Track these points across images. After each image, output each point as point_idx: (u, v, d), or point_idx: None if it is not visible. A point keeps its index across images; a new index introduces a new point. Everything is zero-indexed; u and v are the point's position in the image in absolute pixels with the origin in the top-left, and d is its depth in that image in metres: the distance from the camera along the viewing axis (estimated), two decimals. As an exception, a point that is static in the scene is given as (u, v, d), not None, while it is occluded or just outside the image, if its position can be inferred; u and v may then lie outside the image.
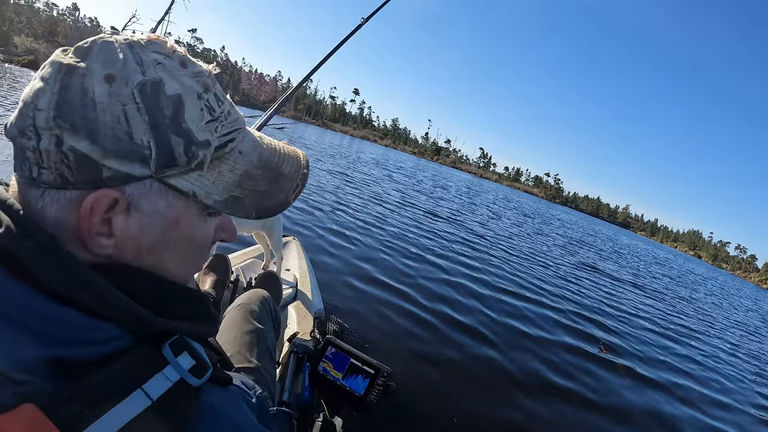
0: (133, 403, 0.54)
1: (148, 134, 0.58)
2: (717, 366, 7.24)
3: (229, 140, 0.69)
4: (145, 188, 0.61)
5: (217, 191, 0.67)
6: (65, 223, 0.58)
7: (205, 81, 0.66)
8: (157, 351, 0.61)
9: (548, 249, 14.79)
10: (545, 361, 4.75)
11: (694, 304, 14.87)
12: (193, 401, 0.62)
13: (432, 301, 5.41)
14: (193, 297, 0.73)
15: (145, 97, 0.57)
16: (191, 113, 0.62)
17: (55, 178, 0.56)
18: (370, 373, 1.64)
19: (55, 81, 0.56)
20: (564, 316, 6.71)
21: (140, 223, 0.62)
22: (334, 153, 29.76)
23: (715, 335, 10.16)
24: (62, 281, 0.54)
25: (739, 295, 32.12)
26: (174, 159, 0.61)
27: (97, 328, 0.56)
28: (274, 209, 0.75)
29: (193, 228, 0.69)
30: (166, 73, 0.61)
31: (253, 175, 0.72)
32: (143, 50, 0.60)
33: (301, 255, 3.71)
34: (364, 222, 8.91)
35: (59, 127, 0.54)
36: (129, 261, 0.64)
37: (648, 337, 7.39)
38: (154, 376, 0.58)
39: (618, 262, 20.08)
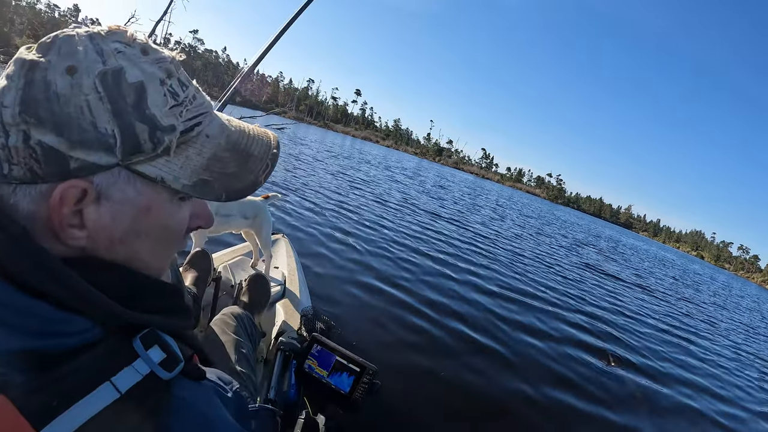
0: (102, 396, 0.53)
1: (112, 122, 0.58)
2: (723, 368, 7.22)
3: (195, 124, 0.68)
4: (113, 177, 0.61)
5: (185, 175, 0.66)
6: (37, 216, 0.58)
7: (167, 67, 0.65)
8: (128, 344, 0.61)
9: (551, 249, 14.80)
10: (542, 362, 4.76)
11: (700, 306, 14.81)
12: (164, 395, 0.61)
13: (422, 301, 5.43)
14: (166, 290, 0.73)
15: (106, 86, 0.58)
16: (154, 99, 0.62)
17: (25, 173, 0.56)
18: (355, 370, 1.65)
19: (19, 77, 0.56)
20: (565, 316, 6.73)
21: (111, 212, 0.62)
22: (337, 154, 29.85)
23: (720, 336, 10.13)
24: (33, 274, 0.54)
25: (741, 296, 31.92)
26: (139, 145, 0.61)
27: (68, 320, 0.56)
28: (244, 191, 0.74)
29: (165, 214, 0.69)
30: (127, 61, 0.60)
31: (221, 158, 0.72)
32: (103, 40, 0.60)
33: (290, 253, 3.74)
34: (362, 222, 8.95)
35: (25, 123, 0.55)
36: (102, 253, 0.64)
37: (656, 340, 7.35)
38: (123, 369, 0.57)
39: (621, 262, 20.05)
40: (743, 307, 21.73)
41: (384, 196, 14.52)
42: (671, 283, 19.61)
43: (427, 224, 11.27)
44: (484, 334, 4.97)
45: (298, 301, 2.96)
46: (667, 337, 7.82)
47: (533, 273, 9.30)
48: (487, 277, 7.63)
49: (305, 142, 32.29)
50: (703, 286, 25.65)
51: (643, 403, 4.65)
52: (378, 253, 6.91)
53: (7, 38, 45.15)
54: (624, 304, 9.61)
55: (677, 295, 15.26)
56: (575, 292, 8.72)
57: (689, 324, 10.03)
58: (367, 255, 6.62)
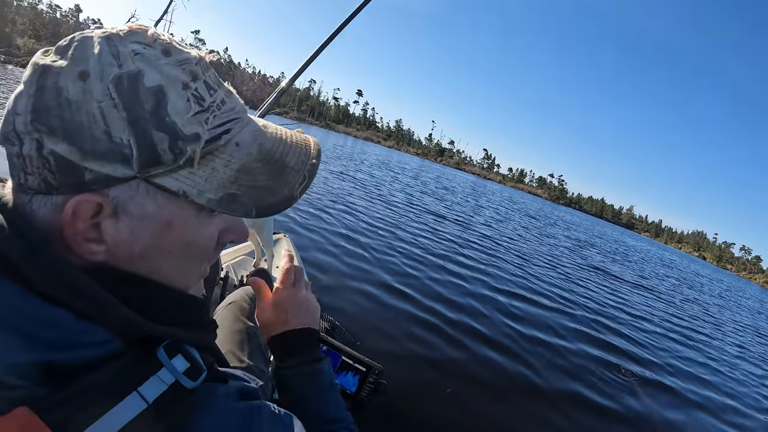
0: (130, 406, 0.53)
1: (127, 131, 0.54)
2: (732, 372, 7.13)
3: (223, 132, 0.63)
4: (131, 190, 0.57)
5: (210, 189, 0.62)
6: (53, 228, 0.56)
7: (192, 69, 0.61)
8: (151, 354, 0.59)
9: (555, 251, 14.67)
10: (544, 364, 4.65)
11: (707, 309, 14.69)
12: (189, 403, 0.60)
13: (428, 299, 5.37)
14: (188, 304, 0.70)
15: (121, 92, 0.54)
16: (175, 105, 0.57)
17: (39, 184, 0.55)
18: (361, 370, 1.62)
19: (32, 83, 0.54)
20: (571, 319, 6.62)
21: (130, 227, 0.59)
22: (339, 155, 29.77)
23: (725, 338, 9.99)
24: (53, 283, 0.53)
25: (745, 297, 31.79)
26: (158, 156, 0.57)
27: (88, 331, 0.55)
28: (277, 206, 0.68)
29: (190, 231, 0.65)
30: (146, 64, 0.56)
31: (251, 169, 0.66)
32: (121, 42, 0.56)
33: (292, 251, 3.58)
34: (365, 223, 8.88)
35: (37, 131, 0.53)
36: (122, 266, 0.61)
37: (666, 345, 7.24)
38: (149, 379, 0.56)
39: (625, 264, 19.93)
40: (753, 309, 21.61)
41: (387, 196, 14.44)
42: (674, 284, 19.47)
43: (432, 225, 11.20)
44: (492, 334, 4.90)
45: None
46: (680, 343, 7.70)
47: (539, 274, 9.22)
48: (493, 277, 7.54)
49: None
50: (707, 288, 25.51)
51: (654, 409, 4.54)
52: (382, 253, 6.84)
53: (9, 38, 45.07)
54: (628, 303, 9.54)
55: (681, 296, 15.16)
56: (580, 295, 8.62)
57: (697, 326, 9.92)
58: (371, 255, 6.54)
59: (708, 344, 8.62)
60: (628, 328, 7.36)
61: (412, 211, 12.94)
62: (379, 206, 11.69)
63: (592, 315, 7.39)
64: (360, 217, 9.28)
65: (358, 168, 22.98)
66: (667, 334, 8.09)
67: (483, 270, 7.85)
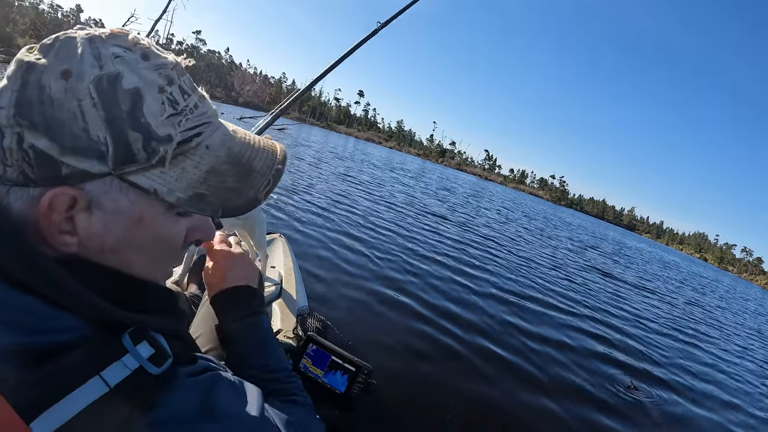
0: (91, 390, 0.54)
1: (105, 130, 0.57)
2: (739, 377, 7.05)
3: (194, 134, 0.66)
4: (105, 186, 0.60)
5: (180, 188, 0.65)
6: (28, 219, 0.58)
7: (168, 73, 0.63)
8: (116, 340, 0.61)
9: (560, 253, 14.63)
10: (542, 364, 4.63)
11: (708, 311, 14.60)
12: (153, 387, 0.61)
13: (422, 302, 5.34)
14: (158, 292, 0.73)
15: (101, 92, 0.56)
16: (151, 107, 0.60)
17: (17, 176, 0.57)
18: (350, 370, 1.65)
19: (16, 79, 0.56)
20: (575, 322, 6.59)
21: (103, 221, 0.61)
22: (340, 155, 29.70)
23: (731, 341, 9.90)
24: (24, 271, 0.54)
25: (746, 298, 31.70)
26: (132, 155, 0.59)
27: (58, 317, 0.56)
28: (242, 207, 0.72)
29: (160, 227, 0.68)
30: (125, 67, 0.59)
31: (220, 171, 0.69)
32: (103, 44, 0.59)
33: (287, 252, 3.62)
34: (365, 224, 8.82)
35: (19, 125, 0.55)
36: (93, 258, 0.63)
37: (678, 352, 7.12)
38: (112, 364, 0.58)
39: (631, 266, 19.88)
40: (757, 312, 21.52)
41: (389, 197, 14.36)
42: (678, 286, 19.39)
43: (433, 227, 11.12)
44: (486, 338, 4.86)
45: (294, 301, 2.90)
46: (683, 345, 7.62)
47: (540, 276, 9.17)
48: (492, 280, 7.47)
49: (308, 143, 32.18)
50: (710, 290, 25.42)
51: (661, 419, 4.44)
52: (380, 255, 6.77)
53: (10, 38, 45.07)
54: (630, 305, 9.46)
55: (685, 299, 15.06)
56: (584, 296, 8.57)
57: (702, 330, 9.81)
58: (367, 256, 6.50)
59: (714, 345, 8.56)
60: (632, 327, 7.35)
61: (412, 211, 12.89)
62: (380, 206, 11.66)
63: (592, 314, 7.42)
64: (359, 217, 9.25)
65: (360, 168, 22.93)
66: (675, 336, 8.04)
67: (481, 271, 7.84)
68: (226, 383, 0.74)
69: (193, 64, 0.70)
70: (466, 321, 5.17)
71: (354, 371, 1.66)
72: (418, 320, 4.72)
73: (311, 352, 1.69)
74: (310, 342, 1.71)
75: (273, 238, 3.85)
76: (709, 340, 9.14)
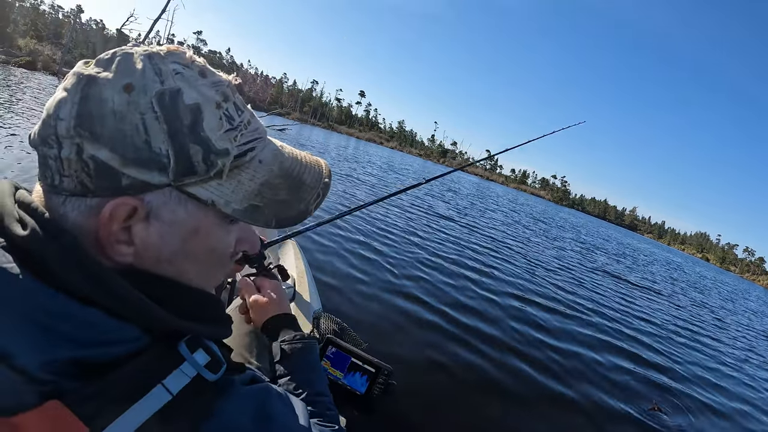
0: (155, 398, 0.56)
1: (167, 143, 0.58)
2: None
3: (248, 149, 0.69)
4: (164, 197, 0.62)
5: (236, 200, 0.67)
6: (85, 229, 0.59)
7: (224, 90, 0.66)
8: (174, 349, 0.63)
9: (563, 253, 14.52)
10: (560, 370, 4.55)
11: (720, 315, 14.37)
12: (211, 393, 0.64)
13: (438, 301, 5.34)
14: (209, 301, 0.75)
15: (163, 106, 0.58)
16: (210, 122, 0.62)
17: (75, 186, 0.58)
18: (370, 371, 1.64)
19: (76, 91, 0.57)
20: (586, 324, 6.54)
21: (160, 231, 0.63)
22: (341, 155, 29.60)
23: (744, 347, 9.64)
24: (85, 283, 0.55)
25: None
26: (192, 167, 0.61)
27: (119, 329, 0.58)
28: (294, 218, 0.75)
29: (213, 238, 0.70)
30: (185, 83, 0.61)
31: (273, 184, 0.72)
32: (162, 60, 0.61)
33: (299, 255, 3.49)
34: (376, 226, 8.72)
35: (79, 136, 0.56)
36: (148, 269, 0.65)
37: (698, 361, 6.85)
38: (172, 372, 0.60)
39: (640, 269, 19.69)
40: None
41: (394, 198, 14.10)
42: (683, 288, 19.21)
43: (441, 228, 11.04)
44: (504, 338, 4.84)
45: (308, 304, 2.78)
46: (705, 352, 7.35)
47: (550, 277, 9.09)
48: (504, 281, 7.43)
49: (311, 143, 32.10)
50: (738, 298, 25.22)
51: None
52: (393, 256, 6.72)
53: (11, 39, 44.82)
54: (651, 312, 9.26)
55: (692, 301, 14.83)
56: (601, 303, 8.38)
57: (719, 338, 9.54)
58: (381, 258, 6.42)
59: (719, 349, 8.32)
60: (649, 337, 7.08)
61: (421, 213, 12.78)
62: (388, 209, 11.43)
63: (604, 318, 7.31)
64: (369, 219, 9.09)
65: (365, 169, 22.88)
66: (695, 345, 7.79)
67: (493, 273, 7.76)
68: (277, 394, 0.78)
69: (240, 83, 0.73)
70: (481, 321, 5.14)
71: (374, 372, 1.65)
72: (433, 321, 4.70)
73: (330, 355, 1.68)
74: (329, 344, 1.70)
75: (284, 242, 3.76)
76: (729, 348, 8.90)
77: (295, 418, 0.81)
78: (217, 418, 0.63)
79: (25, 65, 33.67)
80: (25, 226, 0.56)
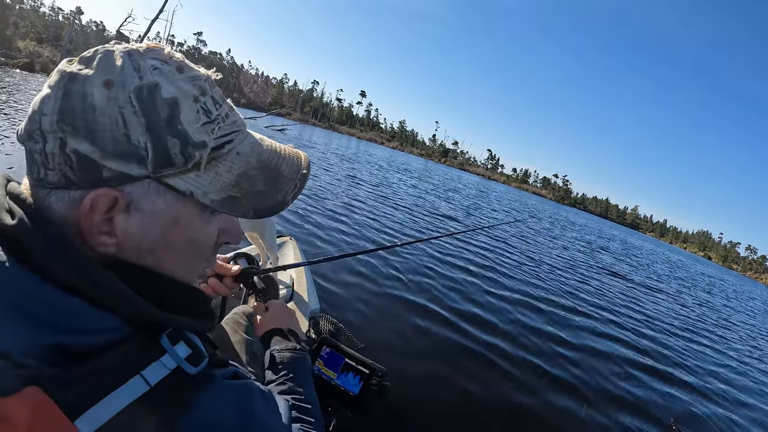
0: (132, 388, 0.57)
1: (145, 135, 0.60)
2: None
3: (226, 141, 0.71)
4: (143, 188, 0.63)
5: (214, 191, 0.69)
6: (69, 220, 0.61)
7: (201, 85, 0.68)
8: (155, 340, 0.64)
9: (571, 254, 14.47)
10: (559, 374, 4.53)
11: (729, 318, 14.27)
12: (191, 387, 0.64)
13: (435, 303, 5.35)
14: (192, 294, 0.76)
15: (141, 101, 0.60)
16: (187, 115, 0.64)
17: (59, 179, 0.60)
18: (364, 372, 1.65)
19: (59, 88, 0.59)
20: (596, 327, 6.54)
21: (140, 222, 0.65)
22: (343, 156, 29.57)
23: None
24: (69, 272, 0.57)
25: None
26: (170, 159, 0.63)
27: (101, 319, 0.59)
28: (271, 209, 0.77)
29: (193, 228, 0.71)
30: (163, 78, 0.63)
31: (250, 176, 0.74)
32: (141, 57, 0.63)
33: (298, 255, 3.64)
34: (374, 225, 8.85)
35: (62, 131, 0.58)
36: (130, 259, 0.66)
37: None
38: (151, 364, 0.60)
39: (639, 268, 19.54)
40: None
41: (394, 197, 14.40)
42: (690, 287, 19.25)
43: (445, 228, 11.15)
44: (501, 342, 4.82)
45: (306, 304, 2.90)
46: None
47: (551, 277, 9.14)
48: (506, 283, 7.45)
49: (312, 144, 32.06)
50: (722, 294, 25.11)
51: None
52: (391, 256, 6.69)
53: (10, 41, 44.68)
54: (662, 315, 9.16)
55: (700, 302, 14.71)
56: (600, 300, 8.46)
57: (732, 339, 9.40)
58: (378, 258, 6.36)
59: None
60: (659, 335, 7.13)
61: (420, 212, 12.87)
62: (388, 209, 11.54)
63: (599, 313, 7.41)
64: (368, 219, 9.21)
65: (367, 169, 22.94)
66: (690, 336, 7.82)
67: (492, 273, 7.78)
68: (259, 391, 0.79)
69: (220, 78, 0.74)
70: (479, 323, 5.16)
71: (368, 373, 1.64)
72: (430, 322, 4.73)
73: (325, 355, 1.67)
74: (324, 344, 1.69)
75: (284, 241, 3.85)
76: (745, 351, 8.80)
77: (276, 417, 0.81)
78: (195, 411, 0.63)
79: (23, 67, 33.47)
80: (14, 216, 0.58)
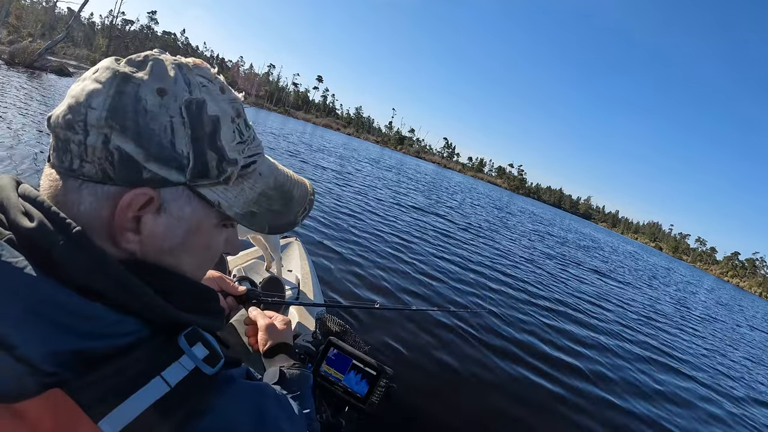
0: (153, 389, 0.58)
1: (189, 146, 0.64)
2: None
3: (252, 162, 0.76)
4: (177, 193, 0.66)
5: (238, 205, 0.74)
6: (98, 215, 0.62)
7: (237, 107, 0.73)
8: (173, 341, 0.65)
9: (525, 241, 15.55)
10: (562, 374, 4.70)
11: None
12: (209, 388, 0.65)
13: (438, 303, 5.54)
14: (207, 293, 0.78)
15: (190, 113, 0.64)
16: (225, 134, 0.69)
17: (96, 172, 0.61)
18: (371, 374, 1.64)
19: (111, 85, 0.61)
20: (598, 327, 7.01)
21: (166, 224, 0.67)
22: (300, 141, 29.86)
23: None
24: (91, 276, 0.58)
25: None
26: (207, 171, 0.67)
27: (121, 322, 0.60)
28: (284, 227, 0.84)
29: (210, 236, 0.75)
30: (209, 96, 0.67)
31: (269, 195, 0.80)
32: (190, 72, 0.67)
33: (303, 256, 3.72)
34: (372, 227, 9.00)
35: (110, 127, 0.59)
36: (150, 258, 0.68)
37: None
38: (171, 365, 0.62)
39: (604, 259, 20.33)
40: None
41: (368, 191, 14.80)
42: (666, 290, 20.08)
43: (438, 227, 11.54)
44: (507, 342, 4.97)
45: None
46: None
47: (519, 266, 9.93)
48: (504, 281, 7.73)
49: (270, 130, 31.95)
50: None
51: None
52: (389, 256, 6.92)
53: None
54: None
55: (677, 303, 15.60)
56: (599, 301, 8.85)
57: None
58: (378, 258, 6.59)
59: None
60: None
61: (401, 210, 12.96)
62: (388, 208, 11.96)
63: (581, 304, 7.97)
64: (369, 220, 9.50)
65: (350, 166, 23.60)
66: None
67: (491, 274, 7.99)
68: (274, 394, 0.80)
69: (246, 101, 0.72)
70: (488, 328, 5.27)
71: (375, 375, 1.63)
72: (432, 323, 4.84)
73: (332, 356, 1.66)
74: (331, 346, 1.68)
75: (289, 242, 3.95)
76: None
77: (291, 420, 0.82)
78: (213, 413, 0.64)
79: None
80: (32, 219, 0.59)
